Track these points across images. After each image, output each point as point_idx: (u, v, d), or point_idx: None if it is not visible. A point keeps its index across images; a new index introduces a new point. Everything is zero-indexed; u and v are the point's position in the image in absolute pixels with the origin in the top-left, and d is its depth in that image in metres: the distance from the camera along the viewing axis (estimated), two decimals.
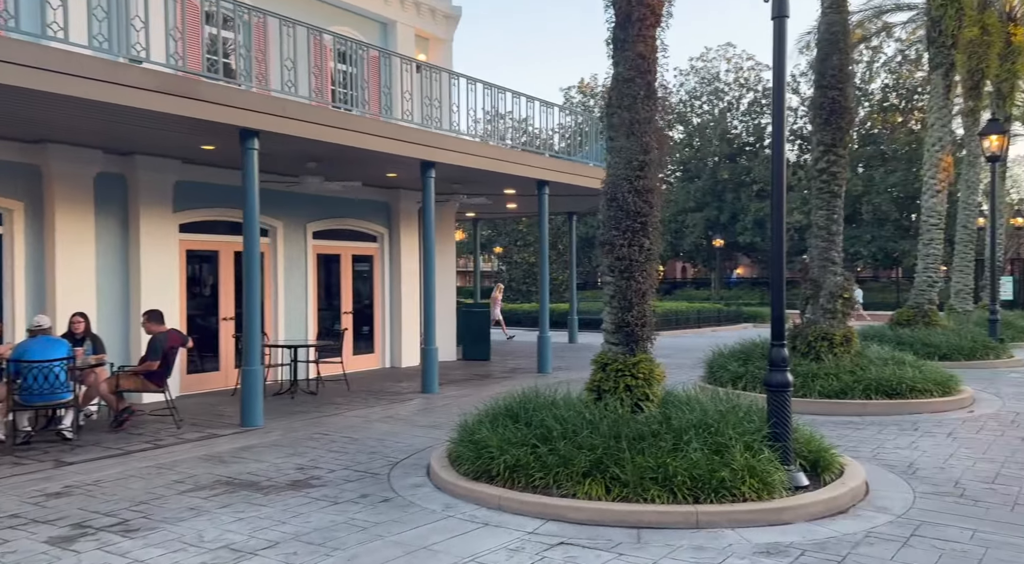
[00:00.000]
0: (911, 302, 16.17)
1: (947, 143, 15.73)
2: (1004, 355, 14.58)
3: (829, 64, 10.71)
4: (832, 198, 10.98)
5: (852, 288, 11.01)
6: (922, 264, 16.13)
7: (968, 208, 19.98)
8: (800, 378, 10.04)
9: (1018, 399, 10.41)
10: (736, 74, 41.54)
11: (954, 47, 15.50)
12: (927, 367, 10.50)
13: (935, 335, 14.77)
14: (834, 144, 10.84)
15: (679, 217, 40.82)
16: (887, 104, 36.98)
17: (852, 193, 35.49)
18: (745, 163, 40.20)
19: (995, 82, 22.85)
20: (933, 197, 15.90)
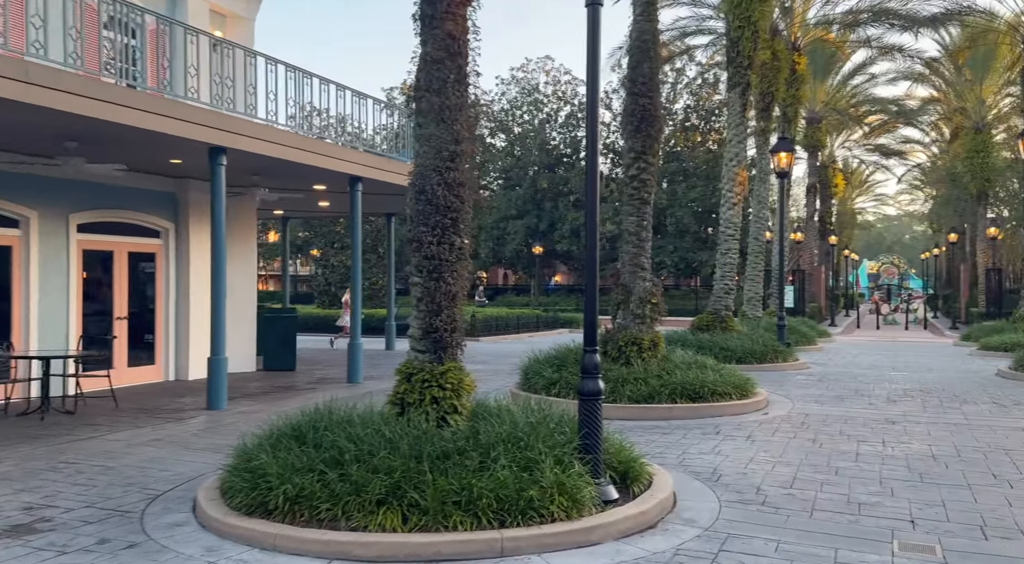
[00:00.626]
0: (710, 308, 17.03)
1: (743, 158, 16.77)
2: (790, 358, 15.69)
3: (640, 71, 10.82)
4: (642, 205, 11.09)
5: (660, 293, 11.16)
6: (719, 272, 17.05)
7: (759, 221, 21.59)
8: (611, 383, 9.96)
9: (805, 400, 11.03)
10: (554, 87, 42.72)
11: (750, 68, 16.57)
12: (726, 371, 10.84)
13: (732, 340, 15.60)
14: (644, 151, 10.95)
15: (501, 224, 41.17)
16: (688, 124, 39.63)
17: (658, 205, 37.59)
18: (563, 173, 41.37)
19: (782, 106, 25.04)
20: (730, 209, 16.87)
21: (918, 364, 16.61)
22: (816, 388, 12.35)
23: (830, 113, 37.47)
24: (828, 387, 12.55)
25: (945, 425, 9.00)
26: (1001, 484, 6.33)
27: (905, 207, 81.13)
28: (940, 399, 11.09)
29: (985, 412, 9.96)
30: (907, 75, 35.90)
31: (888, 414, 9.82)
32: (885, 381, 13.39)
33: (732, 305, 16.98)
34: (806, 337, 20.71)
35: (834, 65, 35.54)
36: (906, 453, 7.49)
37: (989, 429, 8.75)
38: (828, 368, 15.63)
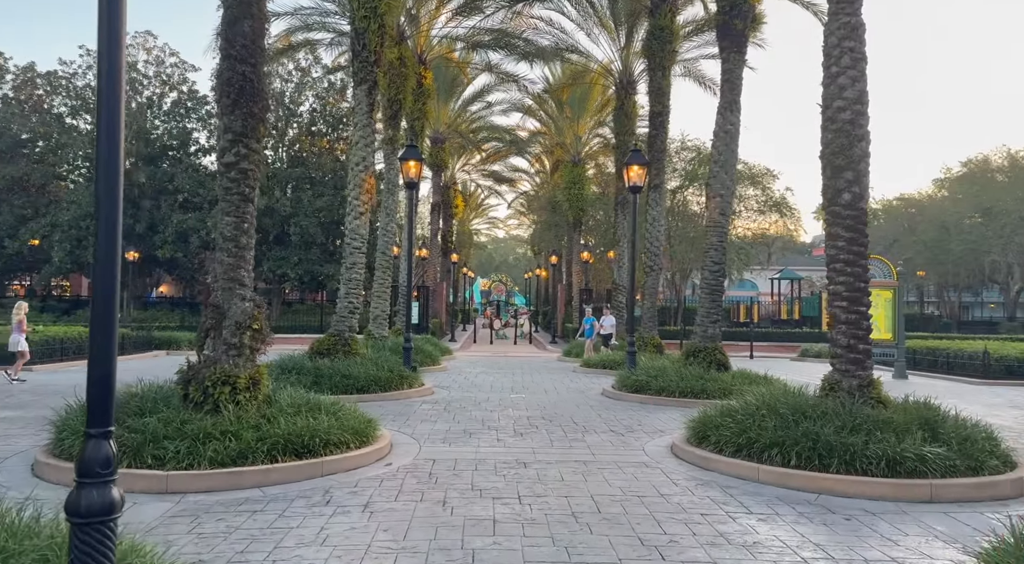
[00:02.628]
0: (332, 330, 15.08)
1: (371, 164, 15.21)
2: (416, 383, 14.47)
3: (239, 30, 8.40)
4: (243, 202, 8.64)
5: (263, 316, 8.80)
6: (344, 289, 15.22)
7: (387, 234, 20.36)
8: (188, 441, 7.35)
9: (432, 440, 9.63)
10: (157, 68, 37.02)
11: (377, 65, 15.12)
12: (345, 412, 8.93)
13: (355, 366, 13.84)
14: (245, 133, 8.54)
15: (83, 223, 34.06)
16: (315, 128, 37.47)
17: (281, 213, 34.70)
18: (168, 168, 35.90)
19: (409, 119, 24.33)
20: (357, 219, 15.16)
21: (534, 384, 16.73)
22: (443, 421, 11.13)
23: (453, 135, 38.61)
24: (455, 418, 11.43)
25: (576, 465, 8.25)
26: (651, 552, 5.40)
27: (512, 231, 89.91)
28: (563, 429, 10.63)
29: (607, 444, 9.60)
30: (518, 107, 38.76)
31: (519, 453, 8.85)
32: (508, 407, 12.81)
33: (356, 326, 15.25)
34: (431, 357, 20.00)
35: (457, 88, 36.68)
36: (546, 513, 6.33)
37: (617, 467, 8.20)
38: (452, 393, 14.77)
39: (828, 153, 8.95)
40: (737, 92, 15.17)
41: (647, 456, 8.88)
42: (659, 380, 13.98)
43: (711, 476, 7.90)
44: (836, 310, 8.87)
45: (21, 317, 16.42)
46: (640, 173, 15.28)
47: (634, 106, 25.64)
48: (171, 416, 7.86)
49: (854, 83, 8.84)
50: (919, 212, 52.60)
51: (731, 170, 15.11)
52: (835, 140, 8.87)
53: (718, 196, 15.08)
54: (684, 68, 26.66)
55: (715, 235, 15.15)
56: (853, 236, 8.79)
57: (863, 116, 8.85)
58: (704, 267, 15.31)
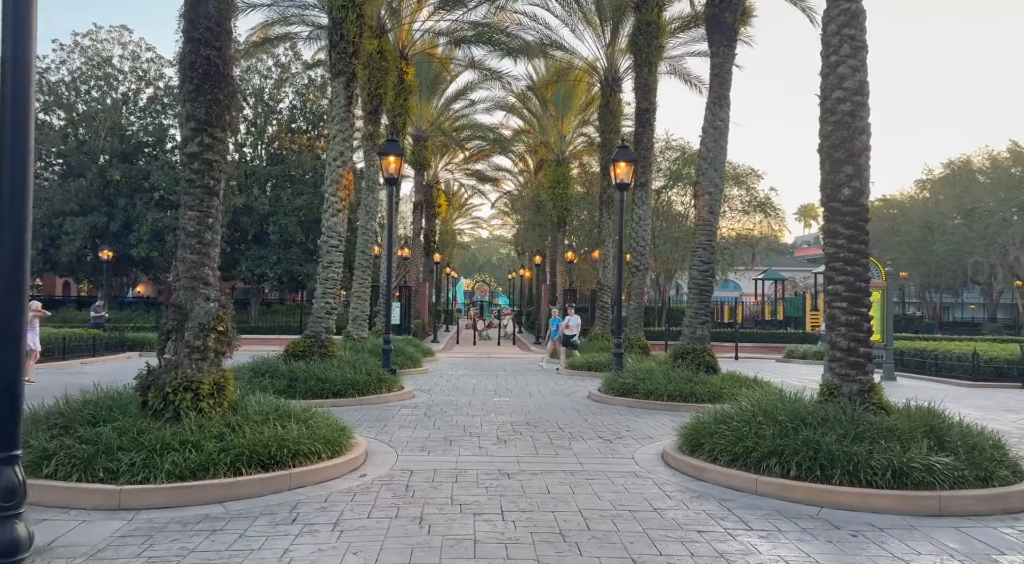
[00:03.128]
0: (308, 331, 14.50)
1: (349, 159, 14.65)
2: (396, 387, 13.93)
3: (203, 11, 7.83)
4: (207, 196, 8.08)
5: (229, 317, 8.24)
6: (321, 289, 14.65)
7: (367, 233, 19.80)
8: (143, 452, 6.81)
9: (410, 448, 9.11)
10: (133, 63, 36.13)
11: (355, 56, 14.55)
12: (317, 418, 8.39)
13: (331, 369, 13.27)
14: (210, 121, 7.98)
15: (55, 220, 33.17)
16: (295, 125, 36.75)
17: (260, 211, 33.98)
18: (143, 166, 35.05)
19: (391, 115, 23.77)
20: (334, 216, 14.60)
21: (517, 387, 16.25)
22: (423, 427, 10.61)
23: (436, 133, 38.03)
24: (435, 423, 10.92)
25: (563, 476, 7.77)
26: None
27: (496, 231, 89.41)
28: (549, 435, 10.15)
29: (595, 452, 9.14)
30: (502, 105, 38.24)
31: (502, 462, 8.36)
32: (491, 411, 12.32)
33: (334, 327, 14.68)
34: (412, 359, 19.46)
35: (439, 86, 36.11)
36: (531, 531, 5.85)
37: (607, 478, 7.73)
38: (434, 396, 14.25)
39: (827, 146, 8.54)
40: (726, 87, 14.79)
41: (637, 465, 8.43)
42: (647, 383, 13.54)
43: (706, 487, 7.46)
44: (835, 311, 8.45)
45: (31, 316, 15.55)
46: (627, 170, 14.85)
47: (619, 104, 25.24)
48: (127, 425, 7.30)
49: (854, 73, 8.44)
50: (901, 213, 52.72)
51: (720, 167, 14.71)
52: (834, 132, 8.47)
53: (707, 194, 14.68)
54: (670, 66, 26.32)
55: (704, 234, 14.74)
56: (853, 234, 8.38)
57: (864, 107, 8.45)
58: (692, 266, 14.90)
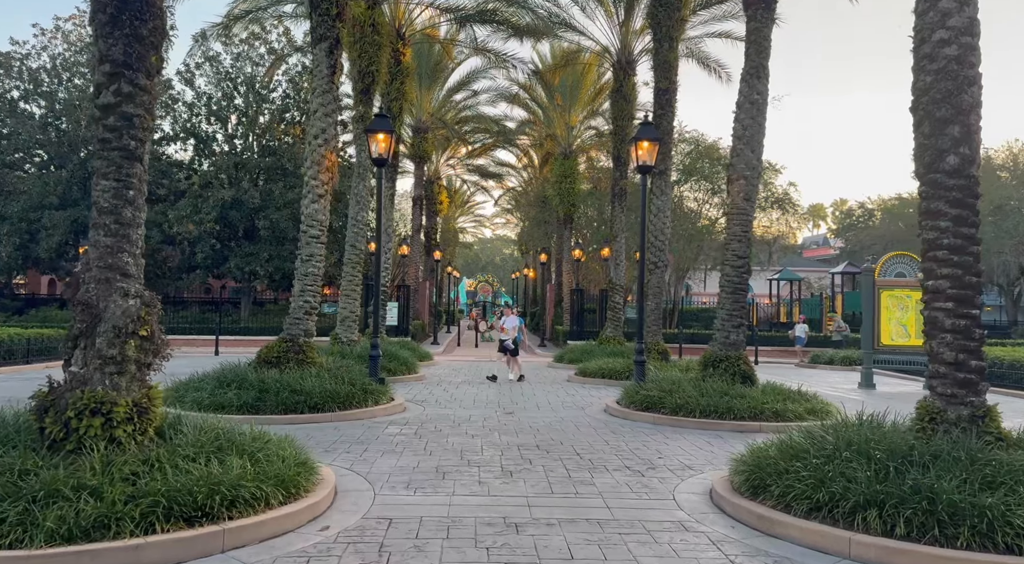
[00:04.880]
0: (284, 333, 12.65)
1: (332, 136, 12.80)
2: (384, 399, 12.07)
3: None
4: (126, 161, 6.23)
5: (156, 319, 6.39)
6: (299, 285, 12.80)
7: (357, 225, 17.95)
8: (21, 502, 4.98)
9: (392, 484, 7.24)
10: None
11: (340, 19, 12.69)
12: (271, 448, 6.54)
13: (308, 378, 11.41)
14: (129, 64, 6.13)
15: (33, 214, 31.38)
16: (288, 114, 34.94)
17: (249, 205, 32.15)
18: None
19: (386, 99, 21.94)
20: (315, 203, 12.76)
21: (524, 398, 14.39)
22: (411, 452, 8.75)
23: (437, 125, 36.20)
24: (427, 447, 9.06)
25: (588, 528, 5.91)
26: None
27: (499, 231, 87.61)
28: (565, 464, 8.27)
29: (624, 488, 7.27)
30: (506, 96, 36.40)
31: (508, 506, 6.50)
32: (495, 430, 10.46)
33: (314, 329, 12.83)
34: (406, 364, 17.60)
35: (441, 73, 34.31)
36: None
37: (646, 532, 5.87)
38: (428, 410, 12.39)
39: (925, 102, 6.67)
40: (765, 56, 12.93)
41: (682, 510, 6.56)
42: (674, 396, 11.67)
43: (780, 548, 5.60)
44: (937, 314, 6.59)
45: None
46: (651, 150, 12.98)
47: (633, 88, 23.38)
48: (9, 462, 5.47)
49: (962, 7, 6.58)
50: None
51: (758, 147, 12.84)
52: (936, 84, 6.60)
53: (742, 178, 12.80)
54: (687, 48, 24.43)
55: (738, 224, 12.87)
56: (961, 214, 6.52)
57: (974, 51, 6.58)
58: (725, 262, 13.03)
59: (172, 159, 35.24)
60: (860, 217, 62.69)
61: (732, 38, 23.98)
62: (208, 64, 33.68)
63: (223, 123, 33.78)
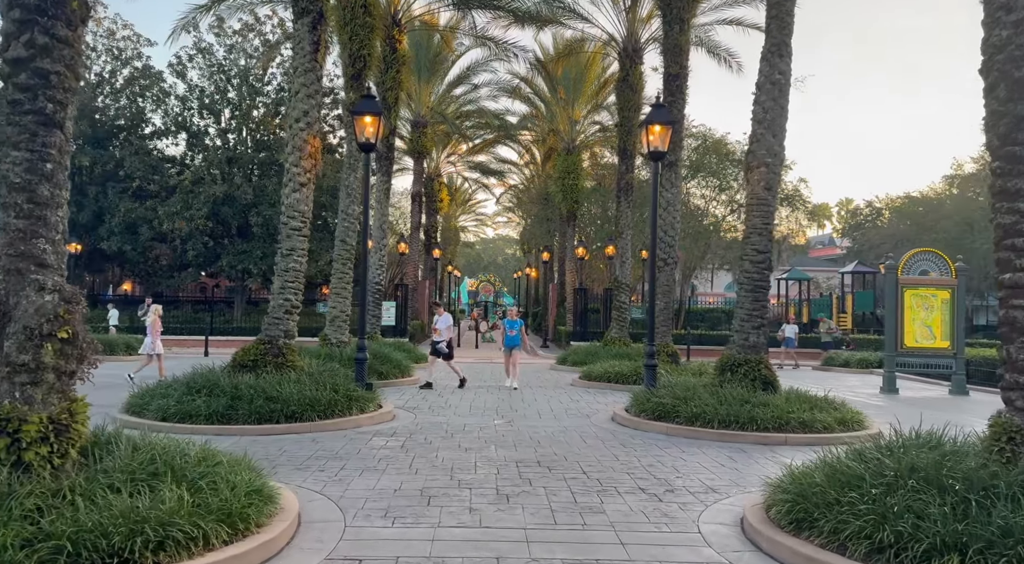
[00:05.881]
0: (262, 335, 11.60)
1: (315, 120, 11.73)
2: (371, 406, 11.01)
3: None
4: (41, 127, 5.19)
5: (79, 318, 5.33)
6: (279, 282, 11.73)
7: (348, 220, 16.89)
8: None
9: (367, 511, 6.18)
10: (108, 41, 33.37)
11: None
12: (216, 477, 5.46)
13: (286, 384, 10.35)
14: (44, 9, 5.08)
15: None
16: (283, 108, 33.90)
17: (242, 201, 31.11)
18: (117, 152, 32.23)
19: (381, 89, 20.89)
20: (296, 192, 11.69)
21: (524, 404, 13.32)
22: (394, 470, 7.68)
23: (436, 119, 35.15)
24: (412, 463, 7.99)
25: None
26: None
27: (500, 230, 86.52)
28: (570, 486, 7.20)
29: (640, 517, 6.20)
30: (507, 89, 35.38)
31: (502, 541, 5.45)
32: (491, 442, 9.40)
33: (295, 330, 11.77)
34: (399, 367, 16.56)
35: (440, 66, 33.26)
36: None
37: None
38: (419, 418, 11.33)
39: (1002, 61, 5.60)
40: (787, 32, 11.83)
41: (710, 546, 5.50)
42: (689, 404, 10.59)
43: None
44: (1017, 313, 5.55)
45: (154, 319, 16.48)
46: (663, 135, 11.90)
47: (640, 77, 22.28)
48: None
49: None
50: (931, 210, 49.51)
51: (780, 132, 11.76)
52: (1015, 38, 5.52)
53: (763, 165, 11.72)
54: (696, 36, 23.29)
55: (758, 215, 11.79)
56: None
57: None
58: (744, 257, 11.95)
59: (164, 154, 34.22)
60: (868, 216, 61.49)
61: (744, 25, 22.91)
62: (200, 56, 32.68)
63: (216, 117, 32.76)
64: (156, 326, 16.46)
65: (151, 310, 17.18)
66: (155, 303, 25.38)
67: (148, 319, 16.89)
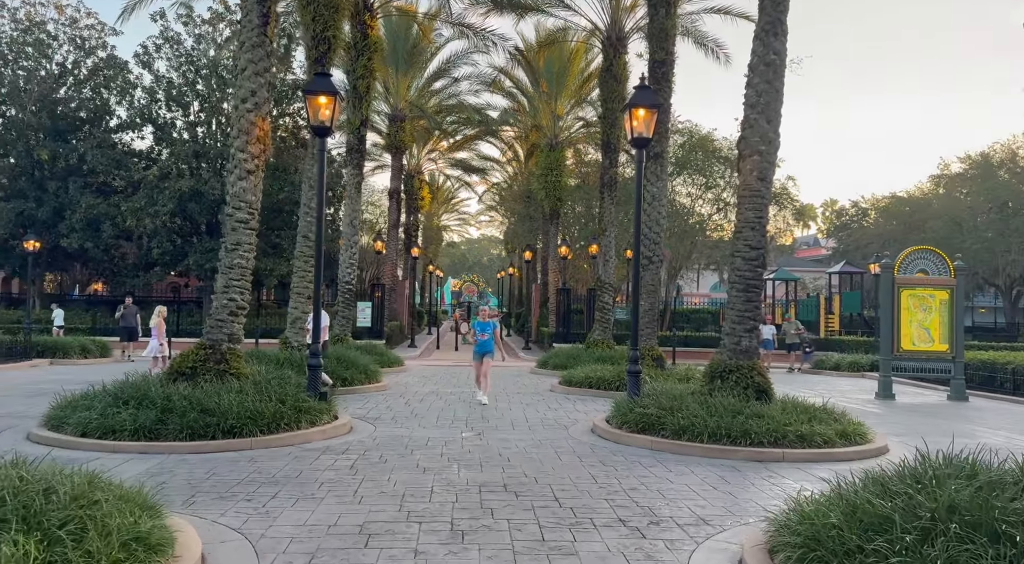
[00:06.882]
0: (203, 338, 10.47)
1: (264, 100, 10.63)
2: (324, 418, 9.92)
3: None
4: None
5: None
6: (223, 279, 10.60)
7: (311, 213, 15.76)
8: None
9: (290, 557, 5.09)
10: (71, 30, 31.97)
11: None
12: (90, 520, 4.36)
13: (226, 394, 9.23)
14: None
15: None
16: None
17: (210, 197, 29.86)
18: (79, 145, 30.85)
19: (352, 77, 19.81)
20: (243, 180, 10.59)
21: (498, 413, 12.27)
22: (334, 499, 6.60)
23: (415, 113, 34.05)
24: (358, 491, 6.91)
25: None
26: None
27: (484, 229, 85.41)
28: (538, 516, 6.17)
29: (618, 559, 5.17)
30: (488, 82, 34.36)
31: None
32: (455, 460, 8.34)
33: (240, 333, 10.65)
34: (366, 373, 15.44)
35: (418, 58, 32.18)
36: None
37: None
38: (380, 430, 10.26)
39: None
40: (783, 9, 10.87)
41: None
42: (677, 416, 9.58)
43: None
44: None
45: (159, 321, 16.67)
46: (648, 119, 10.88)
47: (624, 67, 21.32)
48: None
49: None
50: (918, 210, 49.01)
51: (775, 117, 10.79)
52: None
53: (756, 153, 10.75)
54: (683, 26, 22.36)
55: (751, 208, 10.81)
56: None
57: None
58: (735, 253, 10.96)
59: (129, 148, 32.85)
60: (854, 216, 61.02)
61: (732, 14, 22.01)
62: (168, 46, 31.38)
63: (184, 109, 31.46)
64: (161, 328, 16.50)
65: (156, 312, 17.26)
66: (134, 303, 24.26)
67: (153, 321, 16.92)
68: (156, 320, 16.97)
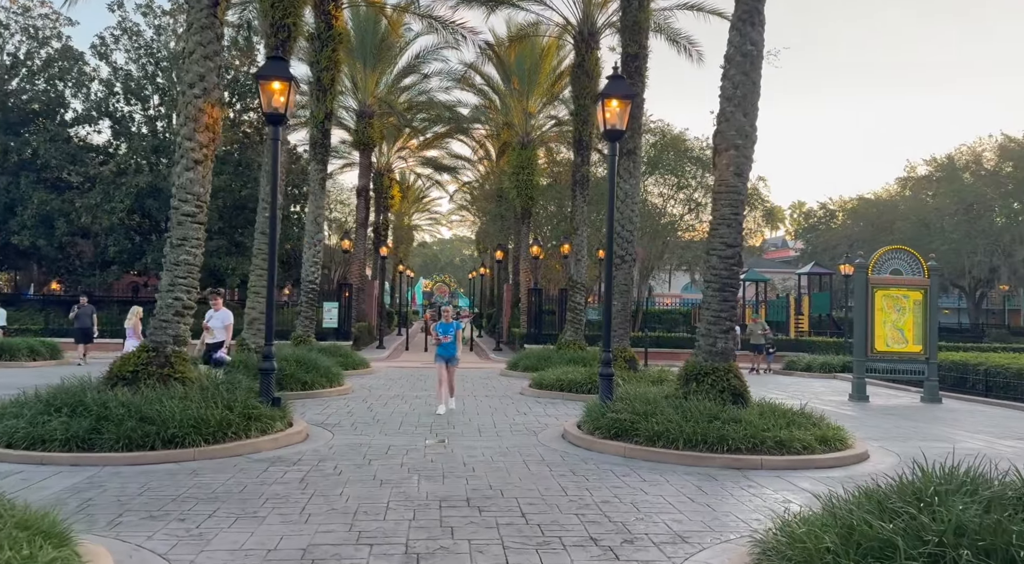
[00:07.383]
0: (146, 341, 9.77)
1: (213, 85, 9.95)
2: (277, 426, 9.27)
3: None
4: None
5: None
6: (168, 277, 9.90)
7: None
8: None
9: None
10: (23, 19, 30.75)
11: None
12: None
13: (168, 401, 8.55)
14: None
15: None
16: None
17: (168, 194, 28.77)
18: (32, 138, 29.64)
19: (316, 69, 19.12)
20: (190, 170, 9.90)
21: (465, 418, 11.72)
22: (277, 519, 5.99)
23: (384, 110, 33.35)
24: (306, 508, 6.31)
25: None
26: None
27: (455, 228, 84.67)
28: (502, 534, 5.63)
29: None
30: (459, 78, 33.80)
31: None
32: (415, 473, 7.77)
33: (186, 335, 9.97)
34: (327, 376, 14.79)
35: (387, 53, 31.50)
36: None
37: None
38: (337, 438, 9.66)
39: None
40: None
41: None
42: (650, 420, 9.11)
43: None
44: None
45: (135, 321, 16.29)
46: (621, 111, 10.41)
47: (596, 63, 20.90)
48: None
49: None
50: (886, 211, 49.45)
51: (751, 110, 10.40)
52: None
53: (732, 148, 10.34)
54: (655, 22, 22.02)
55: (727, 204, 10.40)
56: None
57: None
58: (711, 251, 10.55)
59: (85, 142, 31.68)
60: (821, 218, 61.50)
61: (705, 11, 21.71)
62: (126, 37, 30.30)
63: (142, 103, 30.40)
64: (138, 328, 16.08)
65: (132, 312, 16.81)
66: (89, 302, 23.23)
67: (129, 321, 16.56)
68: (132, 320, 16.52)
